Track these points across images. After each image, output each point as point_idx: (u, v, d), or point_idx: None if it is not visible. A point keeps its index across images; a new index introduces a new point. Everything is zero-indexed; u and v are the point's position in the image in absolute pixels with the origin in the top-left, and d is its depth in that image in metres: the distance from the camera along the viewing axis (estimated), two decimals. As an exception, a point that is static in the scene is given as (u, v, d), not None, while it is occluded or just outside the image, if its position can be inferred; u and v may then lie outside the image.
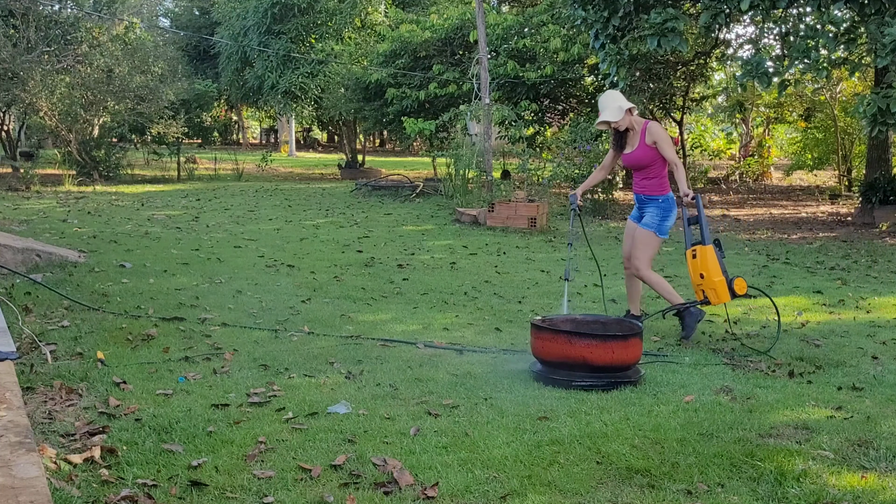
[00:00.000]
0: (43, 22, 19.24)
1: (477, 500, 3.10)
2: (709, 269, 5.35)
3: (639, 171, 5.77)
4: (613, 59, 12.68)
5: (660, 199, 5.71)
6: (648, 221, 5.73)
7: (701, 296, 5.46)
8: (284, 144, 37.25)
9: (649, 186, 5.73)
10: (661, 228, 5.71)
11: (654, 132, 5.65)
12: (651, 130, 5.66)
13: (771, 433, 3.79)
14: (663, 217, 5.68)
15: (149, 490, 3.06)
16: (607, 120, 5.63)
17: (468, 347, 5.35)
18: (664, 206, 5.69)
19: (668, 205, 5.70)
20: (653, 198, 5.74)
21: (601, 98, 5.77)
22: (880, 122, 9.99)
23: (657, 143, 5.62)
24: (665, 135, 5.71)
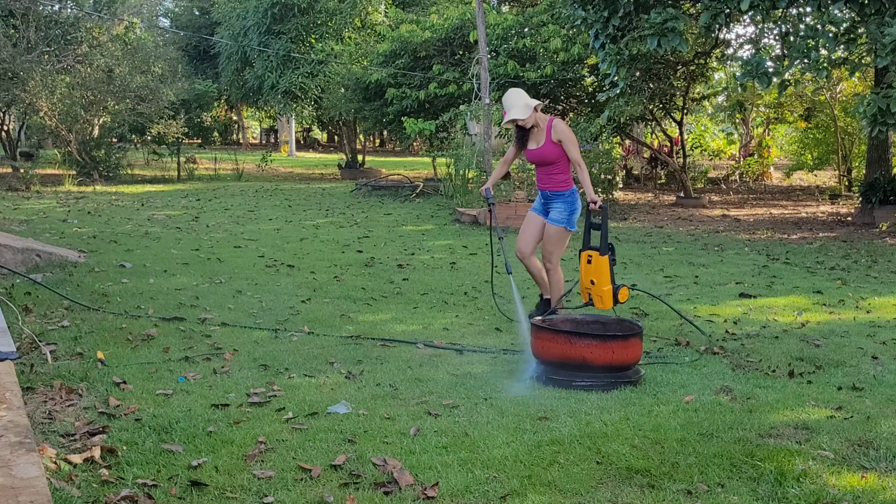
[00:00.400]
0: (43, 22, 19.25)
1: (477, 500, 3.10)
2: (600, 278, 5.42)
3: (545, 167, 5.80)
4: (613, 59, 12.67)
5: (566, 194, 5.79)
6: (558, 217, 5.79)
7: (587, 298, 5.54)
8: (284, 144, 37.24)
9: (555, 182, 5.77)
10: (570, 222, 5.81)
11: (560, 129, 5.68)
12: (556, 128, 5.68)
13: (771, 433, 3.79)
14: (571, 211, 5.78)
15: (149, 490, 3.06)
16: (515, 118, 5.62)
17: (468, 347, 5.36)
18: (571, 200, 5.78)
19: (574, 198, 5.81)
20: (559, 193, 5.79)
21: (506, 96, 5.71)
22: (880, 122, 9.99)
23: (562, 140, 5.65)
24: (570, 133, 5.74)
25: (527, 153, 5.88)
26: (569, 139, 5.69)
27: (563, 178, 5.77)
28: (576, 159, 5.69)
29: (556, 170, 5.75)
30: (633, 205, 16.58)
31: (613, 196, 14.86)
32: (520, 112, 5.62)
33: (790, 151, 23.85)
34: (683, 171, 17.72)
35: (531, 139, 5.81)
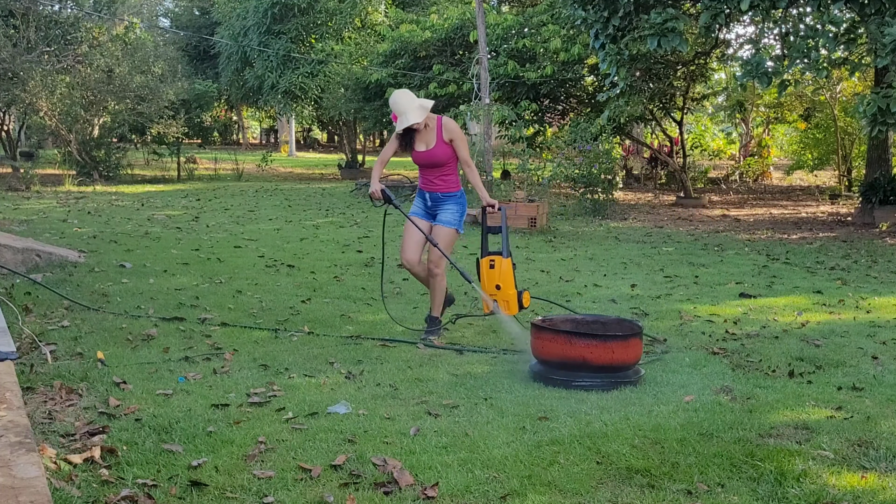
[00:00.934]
0: (43, 22, 19.25)
1: (477, 500, 3.10)
2: (505, 281, 5.34)
3: (434, 169, 5.53)
4: (613, 59, 12.67)
5: (457, 195, 5.61)
6: (450, 219, 5.58)
7: (489, 307, 5.43)
8: (284, 144, 37.26)
9: (447, 184, 5.56)
10: (460, 224, 5.63)
11: (451, 129, 5.49)
12: (447, 127, 5.48)
13: (771, 433, 3.79)
14: (462, 212, 5.62)
15: (149, 490, 3.06)
16: (413, 122, 5.31)
17: (468, 347, 5.36)
18: (462, 202, 5.64)
19: (464, 199, 5.67)
20: (450, 195, 5.59)
21: (395, 100, 5.39)
22: (880, 122, 9.99)
23: (454, 140, 5.46)
24: (461, 132, 5.55)
25: (415, 155, 5.55)
26: (460, 137, 5.49)
27: (453, 178, 5.59)
28: (465, 158, 5.51)
29: (446, 171, 5.53)
30: (633, 205, 16.58)
31: (613, 196, 14.85)
32: (416, 115, 5.32)
33: (790, 151, 23.85)
34: (683, 171, 17.73)
35: (419, 140, 5.49)
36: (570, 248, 10.44)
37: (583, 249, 10.26)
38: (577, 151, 14.31)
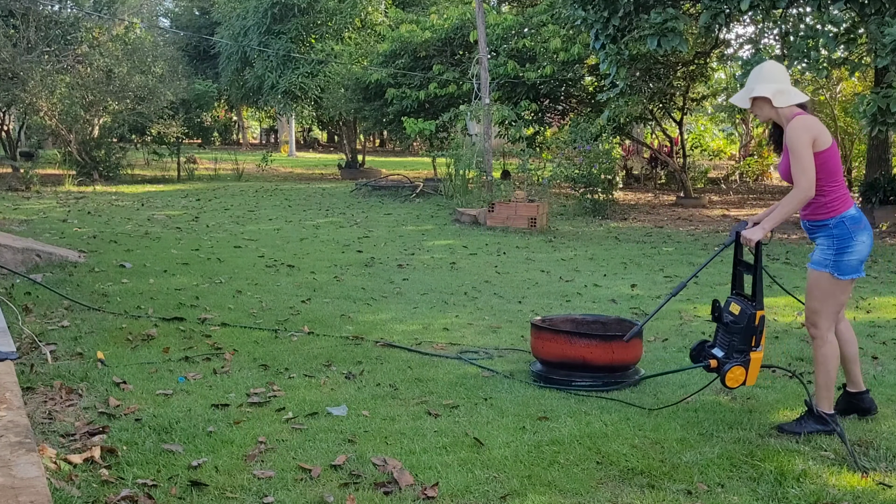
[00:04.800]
0: (43, 22, 19.25)
1: (477, 500, 3.10)
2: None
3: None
4: (613, 59, 12.67)
5: (829, 224, 4.00)
6: (817, 258, 4.50)
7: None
8: (284, 144, 37.25)
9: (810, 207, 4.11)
10: (837, 266, 3.87)
11: (789, 130, 4.37)
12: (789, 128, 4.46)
13: (771, 433, 3.79)
14: (837, 248, 3.89)
15: (149, 490, 3.06)
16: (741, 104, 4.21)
17: (464, 356, 5.34)
18: (838, 234, 3.95)
19: (842, 230, 3.91)
20: (819, 223, 4.27)
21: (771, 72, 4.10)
22: (880, 122, 9.99)
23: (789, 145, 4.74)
24: (795, 135, 4.29)
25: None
26: (790, 142, 4.02)
27: (820, 199, 3.92)
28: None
29: None
30: (633, 205, 16.58)
31: (614, 196, 14.85)
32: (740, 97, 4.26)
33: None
34: (683, 171, 17.72)
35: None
36: (570, 248, 10.44)
37: (583, 249, 10.26)
38: (577, 151, 14.31)
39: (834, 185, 3.82)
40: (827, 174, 3.80)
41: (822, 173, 3.80)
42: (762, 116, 3.96)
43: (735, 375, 3.88)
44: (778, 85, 3.88)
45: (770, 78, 3.89)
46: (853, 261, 3.77)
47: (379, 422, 3.88)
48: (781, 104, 3.85)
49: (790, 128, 3.79)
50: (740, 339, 3.90)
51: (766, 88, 3.85)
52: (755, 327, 3.87)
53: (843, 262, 3.77)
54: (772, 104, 3.87)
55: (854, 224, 3.79)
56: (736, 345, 3.92)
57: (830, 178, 3.81)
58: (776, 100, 3.84)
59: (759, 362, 3.96)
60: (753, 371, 3.93)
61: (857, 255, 3.78)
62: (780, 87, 3.88)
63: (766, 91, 3.84)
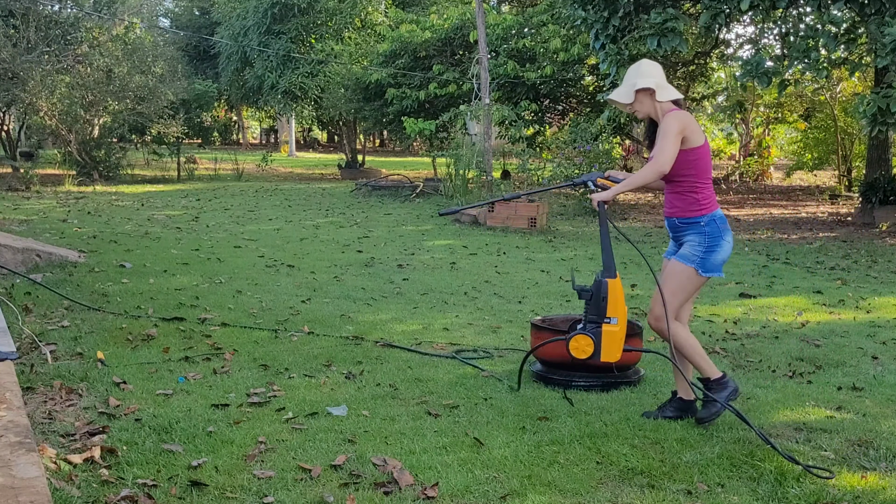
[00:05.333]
0: (43, 22, 19.24)
1: (477, 500, 3.10)
2: (620, 313, 4.09)
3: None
4: (613, 59, 12.67)
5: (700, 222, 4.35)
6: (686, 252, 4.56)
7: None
8: (284, 144, 37.25)
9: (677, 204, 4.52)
10: (702, 262, 3.99)
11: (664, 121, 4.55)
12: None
13: (771, 433, 3.79)
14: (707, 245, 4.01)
15: (149, 490, 3.06)
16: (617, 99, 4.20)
17: (459, 357, 5.34)
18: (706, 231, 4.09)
19: (713, 228, 3.99)
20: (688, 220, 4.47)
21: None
22: (880, 122, 9.99)
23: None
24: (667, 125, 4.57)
25: None
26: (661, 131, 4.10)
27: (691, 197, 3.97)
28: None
29: (675, 183, 4.09)
30: (633, 205, 16.58)
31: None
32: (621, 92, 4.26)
33: (790, 151, 23.85)
34: (683, 171, 17.69)
35: None
36: (570, 248, 10.44)
37: (583, 249, 10.26)
38: (577, 151, 14.31)
39: (706, 184, 3.92)
40: (700, 171, 3.90)
41: (696, 170, 3.89)
42: (642, 112, 4.00)
43: (579, 345, 3.86)
44: (658, 80, 3.96)
45: (649, 74, 3.97)
46: (718, 259, 3.88)
47: (379, 422, 3.88)
48: (663, 98, 3.93)
49: (666, 117, 3.87)
50: (591, 308, 3.92)
51: (649, 81, 3.93)
52: (602, 297, 3.86)
53: (710, 260, 3.87)
54: (653, 98, 3.93)
55: (723, 224, 3.91)
56: (588, 315, 3.94)
57: (703, 175, 3.91)
58: (659, 94, 3.92)
59: (617, 338, 3.87)
60: (608, 346, 3.87)
61: (722, 254, 3.89)
62: (659, 82, 3.96)
63: (650, 83, 3.92)
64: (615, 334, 3.86)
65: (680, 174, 3.88)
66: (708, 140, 3.99)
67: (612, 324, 3.85)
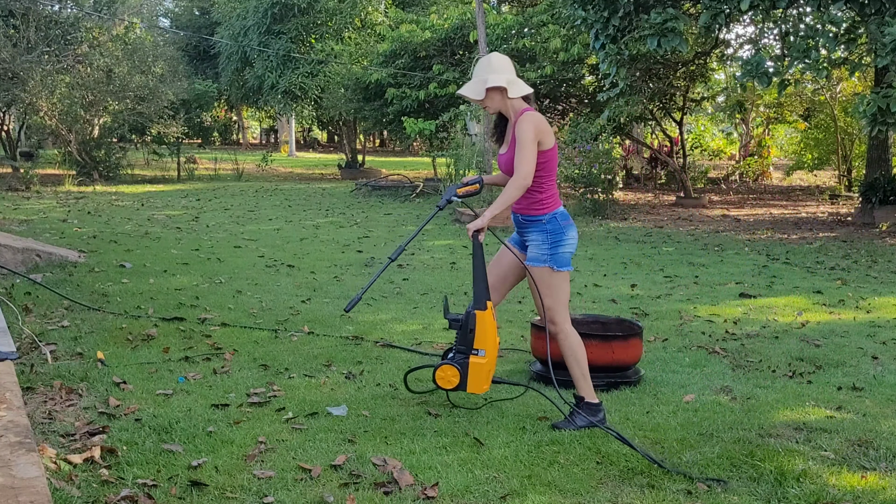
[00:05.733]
0: (43, 22, 19.25)
1: (477, 500, 3.10)
2: (489, 344, 3.88)
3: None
4: (613, 59, 12.67)
5: (542, 220, 4.12)
6: (534, 253, 4.12)
7: None
8: (284, 144, 37.25)
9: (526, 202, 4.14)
10: (554, 259, 4.00)
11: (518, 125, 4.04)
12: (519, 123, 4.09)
13: (771, 433, 3.79)
14: (551, 243, 4.00)
15: (149, 490, 3.06)
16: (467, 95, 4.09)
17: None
18: (549, 228, 4.05)
19: (555, 225, 3.99)
20: (532, 218, 4.16)
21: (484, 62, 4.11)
22: (880, 122, 9.99)
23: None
24: (523, 131, 3.93)
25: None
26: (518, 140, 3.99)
27: (537, 196, 3.99)
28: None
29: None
30: (633, 205, 16.58)
31: (614, 196, 14.85)
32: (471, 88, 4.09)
33: (790, 151, 23.85)
34: (683, 171, 17.72)
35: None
36: (570, 248, 10.42)
37: (583, 249, 10.26)
38: (577, 151, 14.31)
39: (550, 184, 3.96)
40: (547, 173, 3.93)
41: (544, 171, 3.91)
42: (492, 107, 3.98)
43: (445, 375, 3.79)
44: (509, 76, 3.93)
45: (501, 69, 3.94)
46: (566, 254, 3.92)
47: (379, 422, 3.88)
48: (514, 94, 3.92)
49: (521, 121, 3.85)
50: (460, 339, 3.86)
51: (500, 79, 3.89)
52: (470, 328, 3.78)
53: (559, 255, 3.91)
54: (504, 95, 3.91)
55: (565, 220, 3.95)
56: (456, 345, 3.88)
57: (549, 176, 3.94)
58: (510, 90, 3.90)
59: (484, 370, 3.78)
60: (474, 377, 3.78)
61: (569, 249, 3.93)
62: (510, 77, 3.93)
63: (501, 81, 3.88)
64: (482, 366, 3.79)
65: None
66: (556, 141, 4.02)
67: (480, 356, 3.78)
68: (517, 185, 3.78)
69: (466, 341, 3.81)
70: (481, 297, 3.80)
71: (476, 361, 3.80)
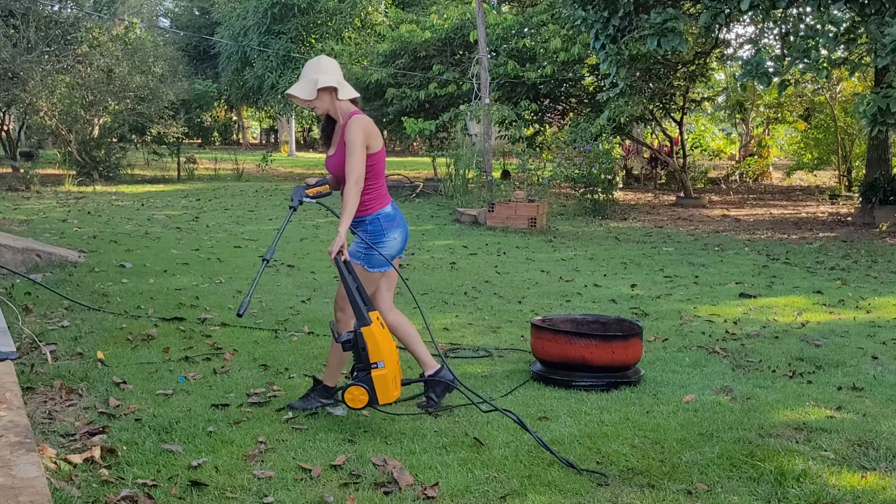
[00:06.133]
0: (43, 22, 19.24)
1: (477, 500, 3.10)
2: (387, 355, 3.77)
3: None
4: (613, 59, 12.67)
5: (366, 221, 4.03)
6: (354, 250, 4.12)
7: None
8: (284, 144, 37.25)
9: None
10: (368, 259, 4.02)
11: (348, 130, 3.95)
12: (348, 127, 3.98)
13: (771, 433, 3.79)
14: (370, 242, 4.00)
15: (149, 490, 3.06)
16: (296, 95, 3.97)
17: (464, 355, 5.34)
18: (371, 229, 4.02)
19: (377, 226, 4.00)
20: (358, 219, 4.04)
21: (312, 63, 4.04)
22: (880, 122, 9.99)
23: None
24: (353, 136, 3.88)
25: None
26: (349, 143, 3.90)
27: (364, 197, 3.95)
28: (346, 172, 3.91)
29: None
30: (633, 205, 16.58)
31: (613, 196, 14.85)
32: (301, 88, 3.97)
33: (790, 151, 23.85)
34: (683, 171, 17.73)
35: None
36: (570, 248, 10.44)
37: (583, 249, 10.26)
38: (577, 151, 14.31)
39: (376, 185, 3.97)
40: (374, 175, 3.95)
41: (370, 174, 3.92)
42: (321, 108, 3.96)
43: (354, 395, 3.72)
44: (339, 77, 3.94)
45: (329, 70, 3.93)
46: (385, 254, 3.95)
47: (379, 422, 3.88)
48: (344, 97, 3.94)
49: (350, 124, 3.87)
50: (356, 358, 3.79)
51: (331, 79, 3.89)
52: (361, 347, 3.74)
53: (374, 256, 3.95)
54: (333, 96, 3.93)
55: (388, 221, 3.97)
56: (356, 365, 3.81)
57: (375, 179, 3.97)
58: (341, 92, 3.92)
59: (388, 379, 3.73)
60: (381, 389, 3.73)
61: (387, 251, 3.95)
62: (340, 80, 3.93)
63: (332, 81, 3.88)
64: (385, 377, 3.74)
65: None
66: (384, 143, 4.08)
67: (380, 367, 3.71)
68: (352, 192, 3.78)
69: (363, 359, 3.75)
70: (362, 315, 3.74)
71: (378, 374, 3.74)
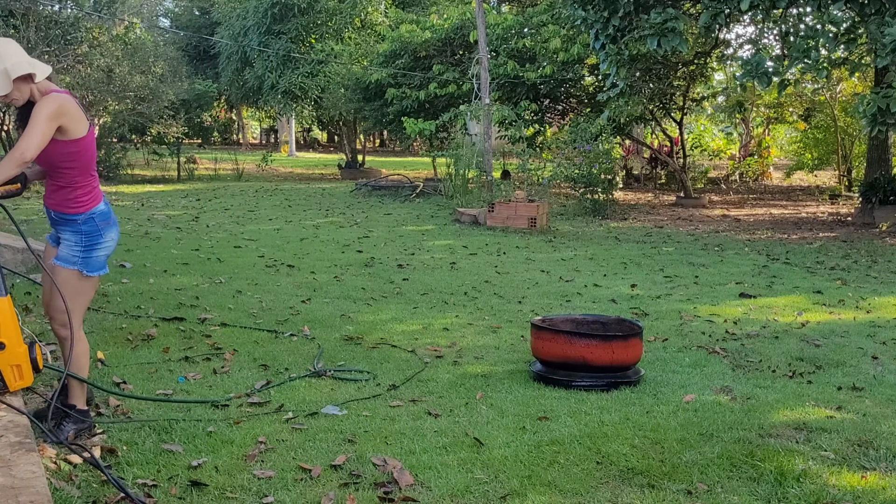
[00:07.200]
0: (43, 22, 19.23)
1: (477, 500, 3.10)
2: (10, 336, 3.43)
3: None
4: (613, 59, 12.67)
5: (77, 220, 3.66)
6: (65, 253, 3.70)
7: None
8: (284, 144, 37.25)
9: (56, 198, 3.65)
10: (84, 262, 3.71)
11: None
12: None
13: (771, 433, 3.79)
14: (84, 244, 3.67)
15: (149, 490, 3.06)
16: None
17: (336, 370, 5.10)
18: (85, 230, 3.67)
19: (92, 226, 3.67)
20: (66, 217, 3.67)
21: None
22: (880, 122, 9.99)
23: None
24: (40, 109, 3.42)
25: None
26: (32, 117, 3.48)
27: (70, 192, 3.61)
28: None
29: (56, 177, 3.61)
30: (633, 205, 16.58)
31: (614, 196, 14.85)
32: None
33: (790, 151, 23.84)
34: (683, 171, 17.72)
35: None
36: (570, 248, 10.44)
37: (583, 249, 10.26)
38: (577, 151, 14.31)
39: (88, 179, 3.59)
40: (82, 166, 3.54)
41: (77, 163, 3.52)
42: (21, 98, 3.43)
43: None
44: (29, 59, 3.45)
45: (13, 54, 3.40)
46: (101, 257, 3.66)
47: (379, 422, 3.88)
48: (41, 77, 3.45)
49: (43, 100, 3.40)
50: None
51: (23, 65, 3.39)
52: None
53: (92, 259, 3.63)
54: (30, 80, 3.42)
55: (104, 220, 3.63)
56: None
57: (85, 170, 3.56)
58: (38, 74, 3.43)
59: (10, 363, 3.36)
60: (7, 374, 3.36)
61: (104, 251, 3.66)
62: (32, 61, 3.44)
63: (25, 67, 3.39)
64: (4, 359, 3.36)
65: (59, 167, 3.50)
66: (94, 130, 3.47)
67: (1, 350, 3.33)
68: (13, 159, 3.28)
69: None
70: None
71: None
